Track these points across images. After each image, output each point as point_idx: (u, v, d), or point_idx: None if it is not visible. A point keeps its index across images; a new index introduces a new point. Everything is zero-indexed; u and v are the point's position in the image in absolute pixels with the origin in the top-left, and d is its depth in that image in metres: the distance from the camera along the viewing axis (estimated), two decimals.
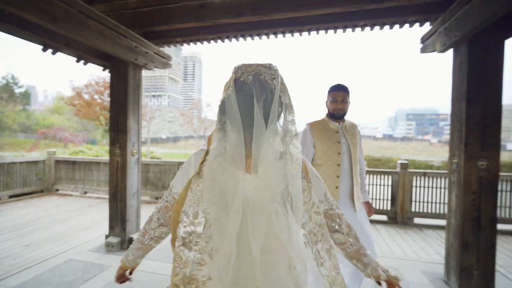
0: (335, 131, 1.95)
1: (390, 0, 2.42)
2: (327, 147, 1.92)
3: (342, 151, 1.90)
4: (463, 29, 2.23)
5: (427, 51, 2.94)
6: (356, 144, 1.96)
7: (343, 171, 1.89)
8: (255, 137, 0.72)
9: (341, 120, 1.98)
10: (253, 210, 0.70)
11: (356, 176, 1.92)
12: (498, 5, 1.86)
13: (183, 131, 47.38)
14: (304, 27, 3.06)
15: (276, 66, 0.79)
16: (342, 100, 1.92)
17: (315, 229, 0.79)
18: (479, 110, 2.31)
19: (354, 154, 1.93)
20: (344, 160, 1.90)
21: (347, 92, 1.94)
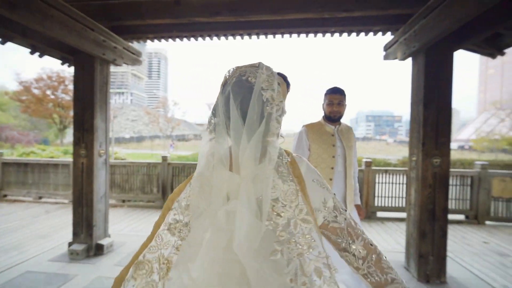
0: (330, 134, 1.94)
1: (359, 10, 2.60)
2: (322, 149, 1.90)
3: (337, 154, 1.89)
4: (421, 40, 2.48)
5: (389, 59, 3.22)
6: (351, 147, 1.96)
7: (337, 174, 1.89)
8: (233, 137, 0.72)
9: (337, 123, 1.98)
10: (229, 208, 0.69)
11: (350, 180, 1.92)
12: (449, 22, 2.11)
13: (148, 131, 45.29)
14: (278, 30, 3.15)
15: (264, 65, 0.76)
16: (338, 103, 1.91)
17: (299, 239, 0.68)
18: (433, 113, 2.59)
19: (348, 158, 1.92)
20: (338, 163, 1.90)
21: (343, 95, 1.94)
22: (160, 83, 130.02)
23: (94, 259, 2.91)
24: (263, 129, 0.69)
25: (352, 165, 1.95)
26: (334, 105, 1.91)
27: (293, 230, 0.68)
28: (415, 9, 2.50)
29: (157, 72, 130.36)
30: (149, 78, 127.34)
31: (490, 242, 3.70)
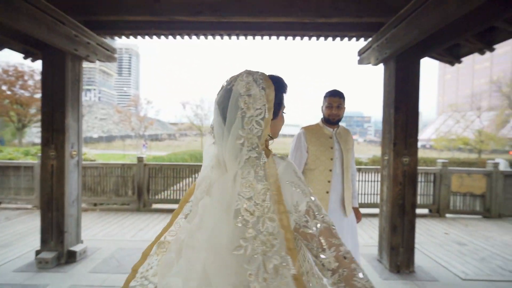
0: (329, 137, 1.94)
1: (336, 16, 2.73)
2: (320, 152, 1.90)
3: (335, 156, 1.89)
4: (392, 48, 2.67)
5: (364, 63, 3.41)
6: (349, 150, 1.97)
7: (335, 177, 1.89)
8: (216, 140, 0.78)
9: (336, 125, 1.98)
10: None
11: (348, 182, 1.93)
12: (417, 32, 2.29)
13: (119, 130, 43.06)
14: (259, 31, 3.20)
15: (246, 73, 0.80)
16: (337, 106, 1.91)
17: (265, 237, 0.69)
18: (403, 115, 2.80)
19: (346, 160, 1.93)
20: (336, 166, 1.90)
21: (342, 98, 1.94)
22: (131, 81, 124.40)
23: (66, 267, 2.74)
24: (236, 132, 0.75)
25: (350, 167, 1.95)
26: (333, 108, 1.91)
27: (261, 227, 0.69)
28: (387, 18, 2.67)
29: (128, 68, 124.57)
30: (119, 75, 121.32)
31: (450, 233, 4.06)
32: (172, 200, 4.96)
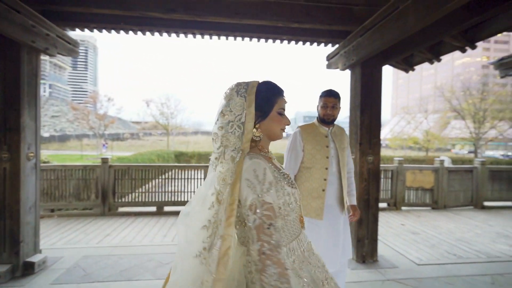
0: (324, 136, 1.97)
1: (308, 23, 2.86)
2: (315, 150, 1.93)
3: (331, 155, 1.93)
4: (358, 55, 2.88)
5: (332, 68, 3.62)
6: (344, 148, 2.00)
7: (331, 175, 1.92)
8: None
9: (331, 125, 2.01)
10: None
11: (344, 180, 1.95)
12: (380, 43, 2.50)
13: (74, 129, 39.56)
14: (233, 32, 3.22)
15: (235, 83, 0.97)
16: (332, 106, 1.94)
17: (216, 223, 0.85)
18: (367, 117, 3.04)
19: (342, 158, 1.96)
20: (333, 164, 1.93)
21: (337, 98, 1.97)
22: (88, 75, 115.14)
23: (23, 280, 2.50)
24: (220, 134, 0.92)
25: (345, 166, 1.99)
26: (328, 108, 1.94)
27: (220, 215, 0.85)
28: (353, 27, 2.88)
29: (84, 62, 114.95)
30: (74, 69, 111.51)
31: (405, 224, 4.50)
32: (139, 202, 4.75)
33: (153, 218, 4.48)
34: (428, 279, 2.65)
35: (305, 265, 0.92)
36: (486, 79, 29.44)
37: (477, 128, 22.33)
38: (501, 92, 24.52)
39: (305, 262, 0.93)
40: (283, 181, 0.93)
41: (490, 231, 4.21)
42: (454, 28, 2.39)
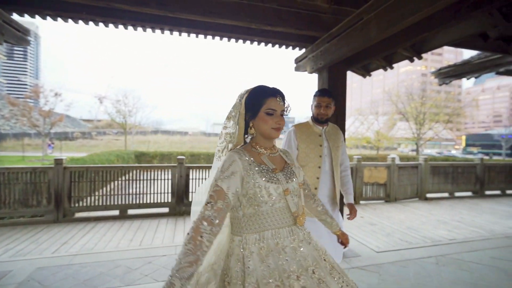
0: (318, 135, 1.99)
1: (280, 26, 2.97)
2: (309, 149, 1.95)
3: (324, 154, 1.95)
4: (325, 60, 3.08)
5: (300, 71, 3.79)
6: (338, 147, 2.01)
7: (324, 173, 1.93)
8: None
9: (325, 124, 2.02)
10: None
11: (337, 179, 1.97)
12: (345, 50, 2.72)
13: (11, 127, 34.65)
14: (205, 31, 3.20)
15: (245, 90, 1.14)
16: (326, 106, 1.95)
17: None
18: (334, 118, 3.24)
19: (335, 157, 1.97)
20: (326, 163, 1.95)
21: (331, 98, 1.98)
22: (28, 67, 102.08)
23: None
24: (224, 132, 1.17)
25: (339, 164, 2.00)
26: (322, 107, 1.95)
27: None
28: (322, 33, 3.07)
29: (23, 52, 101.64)
30: (10, 59, 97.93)
31: (364, 216, 4.91)
32: (100, 206, 4.41)
33: (116, 223, 4.21)
34: (387, 264, 2.96)
35: (272, 255, 1.01)
36: (425, 86, 33.20)
37: (418, 129, 25.22)
38: (436, 97, 27.97)
39: (274, 252, 1.01)
40: (259, 175, 1.03)
41: (432, 219, 4.81)
42: (408, 40, 2.71)
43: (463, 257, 3.16)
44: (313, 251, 1.09)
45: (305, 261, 1.04)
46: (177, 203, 4.68)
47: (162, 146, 24.04)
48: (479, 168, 6.97)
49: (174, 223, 4.27)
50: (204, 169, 5.00)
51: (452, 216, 5.03)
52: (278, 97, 1.09)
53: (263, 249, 1.01)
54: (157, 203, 4.64)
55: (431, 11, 1.85)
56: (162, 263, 2.88)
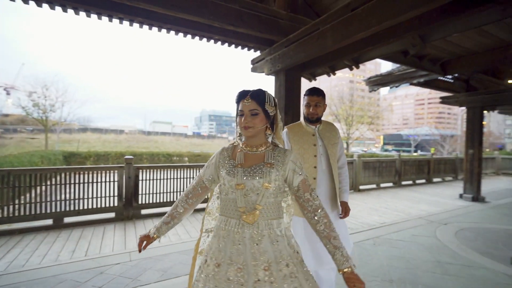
0: (311, 134, 1.95)
1: (242, 27, 3.04)
2: (303, 149, 1.92)
3: (319, 153, 1.91)
4: (283, 63, 3.29)
5: (257, 72, 3.94)
6: (334, 144, 1.96)
7: (321, 173, 1.89)
8: None
9: (318, 123, 1.98)
10: None
11: (335, 177, 1.91)
12: (303, 55, 2.96)
13: None
14: (165, 24, 3.06)
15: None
16: (315, 105, 1.91)
17: None
18: (290, 118, 3.50)
19: (332, 155, 1.92)
20: (322, 162, 1.91)
21: (320, 96, 1.92)
22: None
23: None
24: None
25: (336, 163, 1.95)
26: (311, 106, 1.92)
27: None
28: (280, 38, 3.26)
29: None
30: None
31: None
32: (28, 216, 3.74)
33: (51, 233, 3.65)
34: None
35: (228, 239, 1.14)
36: (352, 92, 37.59)
37: (348, 129, 28.49)
38: (362, 102, 32.08)
39: (229, 238, 1.13)
40: (224, 167, 1.19)
41: (366, 207, 5.58)
42: (355, 52, 3.11)
43: (392, 236, 3.79)
44: (273, 252, 1.10)
45: (260, 257, 1.09)
46: (125, 207, 4.31)
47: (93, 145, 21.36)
48: (398, 163, 8.33)
49: (123, 229, 3.94)
50: (156, 170, 4.73)
51: (380, 204, 5.91)
52: (245, 99, 1.17)
53: (223, 231, 1.16)
54: (101, 208, 4.19)
55: (378, 30, 2.19)
56: (117, 271, 2.66)
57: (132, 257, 2.97)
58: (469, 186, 6.51)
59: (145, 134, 38.00)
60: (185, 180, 4.95)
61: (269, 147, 1.22)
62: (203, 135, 55.92)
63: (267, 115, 1.19)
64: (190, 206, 1.28)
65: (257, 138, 1.21)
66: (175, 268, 2.74)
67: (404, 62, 4.61)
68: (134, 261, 2.88)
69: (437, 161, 9.54)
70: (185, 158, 12.17)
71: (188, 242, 3.43)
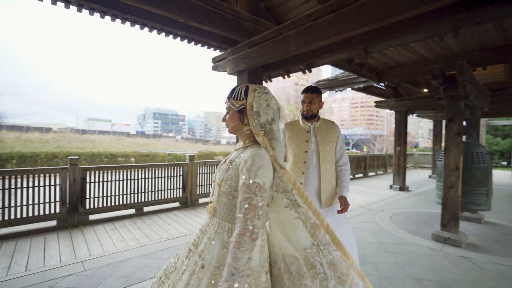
0: (306, 131, 2.01)
1: (208, 25, 3.03)
2: (295, 145, 1.99)
3: (311, 149, 1.96)
4: (247, 63, 3.39)
5: (219, 70, 3.96)
6: (328, 143, 1.99)
7: (310, 169, 1.93)
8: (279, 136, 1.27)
9: (313, 120, 2.02)
10: None
11: (325, 174, 1.94)
12: (267, 57, 3.11)
13: None
14: (123, 14, 2.86)
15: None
16: (309, 101, 1.97)
17: None
18: None
19: (322, 152, 1.95)
20: (313, 158, 1.95)
21: (315, 93, 1.98)
22: None
23: None
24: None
25: (327, 160, 1.97)
26: (306, 103, 1.99)
27: None
28: (243, 38, 3.36)
29: None
30: None
31: None
32: None
33: None
34: None
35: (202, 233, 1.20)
36: (298, 93, 39.94)
37: None
38: None
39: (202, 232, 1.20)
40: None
41: None
42: (314, 58, 3.39)
43: None
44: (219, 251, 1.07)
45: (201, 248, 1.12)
46: (69, 213, 3.85)
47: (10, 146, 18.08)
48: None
49: (69, 237, 3.53)
50: (105, 171, 4.33)
51: None
52: (226, 99, 1.25)
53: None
54: (39, 216, 3.67)
55: (336, 40, 2.47)
56: (70, 283, 2.40)
57: (86, 266, 2.71)
58: (397, 178, 7.64)
59: (79, 133, 33.69)
60: (138, 181, 4.66)
61: (246, 145, 1.18)
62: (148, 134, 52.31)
63: (236, 110, 1.17)
64: None
65: (239, 135, 1.22)
66: (140, 273, 2.61)
67: (348, 69, 5.19)
68: (90, 270, 2.63)
69: (371, 157, 10.89)
70: (131, 158, 11.27)
71: (149, 245, 3.28)
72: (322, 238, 1.09)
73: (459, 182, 3.59)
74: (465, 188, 3.87)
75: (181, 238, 3.52)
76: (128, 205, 4.50)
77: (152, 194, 4.80)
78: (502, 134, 17.11)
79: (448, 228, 3.60)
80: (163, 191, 4.94)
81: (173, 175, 5.10)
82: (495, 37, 3.97)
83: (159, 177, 4.93)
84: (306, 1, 3.88)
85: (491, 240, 3.62)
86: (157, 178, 4.90)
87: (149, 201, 4.74)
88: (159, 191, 4.89)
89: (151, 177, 4.82)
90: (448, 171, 3.63)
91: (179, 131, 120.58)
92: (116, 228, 3.96)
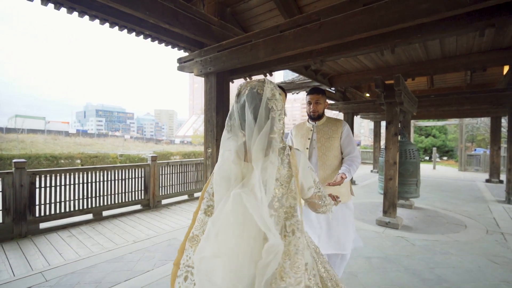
0: (309, 130, 2.13)
1: (177, 27, 3.07)
2: (298, 143, 2.14)
3: (311, 146, 2.08)
4: (215, 66, 3.52)
5: (185, 71, 4.00)
6: (329, 139, 2.05)
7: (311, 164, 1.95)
8: (247, 133, 0.97)
9: (319, 120, 2.11)
10: (242, 191, 0.93)
11: (325, 170, 2.01)
12: (237, 61, 3.29)
13: None
14: (90, 10, 2.73)
15: (268, 80, 1.04)
16: (315, 102, 2.06)
17: (288, 209, 0.96)
18: (221, 118, 3.76)
19: (320, 149, 2.04)
20: (313, 155, 2.06)
21: (320, 94, 2.07)
22: None
23: None
24: (268, 128, 0.96)
25: (327, 156, 2.02)
26: (311, 104, 2.08)
27: (285, 202, 0.96)
28: (211, 42, 3.47)
29: None
30: None
31: None
32: None
33: None
34: None
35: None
36: None
37: None
38: None
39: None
40: None
41: None
42: (279, 65, 3.67)
43: None
44: None
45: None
46: (15, 223, 3.47)
47: None
48: None
49: (19, 248, 3.20)
50: (59, 174, 3.99)
51: None
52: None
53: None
54: None
55: (301, 52, 2.78)
56: None
57: (47, 276, 2.55)
58: None
59: (2, 131, 28.86)
60: (95, 184, 4.38)
61: None
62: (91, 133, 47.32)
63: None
64: None
65: None
66: (110, 277, 2.56)
67: (304, 74, 5.66)
68: (52, 280, 2.48)
69: None
70: (77, 160, 10.18)
71: (115, 249, 3.18)
72: None
73: (396, 174, 4.28)
74: (400, 180, 4.62)
75: (150, 240, 3.48)
76: (85, 210, 4.21)
77: (112, 197, 4.56)
78: (425, 133, 20.17)
79: (388, 214, 4.27)
80: (124, 194, 4.73)
81: (134, 176, 4.91)
82: (421, 54, 4.81)
83: (119, 179, 4.70)
84: (269, 10, 4.17)
85: (420, 222, 4.40)
86: (117, 181, 4.67)
87: (108, 205, 4.50)
88: (119, 193, 4.67)
89: (110, 180, 4.58)
90: (388, 166, 4.29)
91: (126, 130, 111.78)
92: (74, 235, 3.70)
